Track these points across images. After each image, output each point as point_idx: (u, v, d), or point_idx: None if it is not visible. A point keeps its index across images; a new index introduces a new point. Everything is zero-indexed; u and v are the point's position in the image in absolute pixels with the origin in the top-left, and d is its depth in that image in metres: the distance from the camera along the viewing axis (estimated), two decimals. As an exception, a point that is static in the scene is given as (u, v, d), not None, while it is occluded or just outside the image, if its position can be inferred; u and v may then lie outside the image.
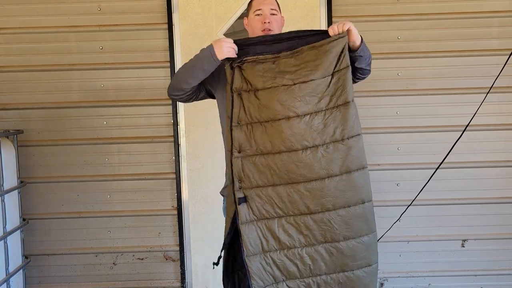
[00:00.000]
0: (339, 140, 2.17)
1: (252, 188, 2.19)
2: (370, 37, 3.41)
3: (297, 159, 2.16)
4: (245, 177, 2.19)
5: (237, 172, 2.19)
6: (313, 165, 2.15)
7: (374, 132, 3.48)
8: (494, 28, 3.43)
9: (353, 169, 2.18)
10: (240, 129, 2.19)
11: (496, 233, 3.52)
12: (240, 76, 2.19)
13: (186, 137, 3.47)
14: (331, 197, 2.17)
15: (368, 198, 2.23)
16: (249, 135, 2.18)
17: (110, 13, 3.44)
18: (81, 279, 3.56)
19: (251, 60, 2.18)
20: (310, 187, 2.17)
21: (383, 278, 3.56)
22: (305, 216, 2.19)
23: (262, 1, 2.37)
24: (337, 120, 2.17)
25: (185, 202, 3.51)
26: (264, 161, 2.18)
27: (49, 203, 3.52)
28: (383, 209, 3.47)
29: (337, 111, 2.17)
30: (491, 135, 3.47)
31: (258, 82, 2.17)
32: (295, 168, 2.16)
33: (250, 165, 2.18)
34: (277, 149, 2.17)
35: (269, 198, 2.19)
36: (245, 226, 2.18)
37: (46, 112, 3.48)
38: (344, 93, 2.17)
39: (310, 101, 2.15)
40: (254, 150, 2.19)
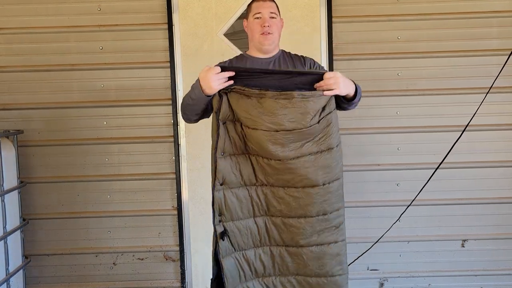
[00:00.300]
0: (320, 185, 2.18)
1: (233, 221, 2.22)
2: (370, 37, 3.43)
3: (278, 195, 2.20)
4: (227, 210, 2.21)
5: (219, 205, 2.19)
6: (292, 204, 2.19)
7: (374, 132, 3.48)
8: (494, 28, 3.43)
9: (329, 212, 2.21)
10: (225, 160, 2.17)
11: (496, 233, 3.52)
12: (227, 104, 2.15)
13: (186, 137, 3.47)
14: (306, 235, 2.21)
15: (342, 237, 2.27)
16: (234, 166, 2.19)
17: (110, 13, 3.45)
18: (81, 279, 3.56)
19: (238, 90, 2.13)
20: (287, 222, 2.21)
21: (383, 278, 3.56)
22: (281, 247, 2.26)
23: (261, 5, 2.37)
24: (319, 165, 2.17)
25: (185, 202, 3.51)
26: (247, 192, 2.22)
27: (49, 203, 3.52)
28: (383, 209, 3.48)
29: (320, 157, 2.17)
30: (491, 135, 3.47)
31: (242, 118, 2.15)
32: (276, 203, 2.21)
33: (232, 197, 2.20)
34: (261, 182, 2.21)
35: (248, 229, 2.24)
36: (226, 260, 2.21)
37: (46, 112, 3.48)
38: (328, 139, 2.17)
39: (292, 146, 2.14)
40: (238, 182, 2.20)
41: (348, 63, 3.44)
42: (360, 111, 3.41)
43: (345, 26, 3.44)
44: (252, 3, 2.42)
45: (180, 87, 3.44)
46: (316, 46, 3.41)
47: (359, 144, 3.48)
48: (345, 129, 3.40)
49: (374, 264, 3.55)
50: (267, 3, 2.37)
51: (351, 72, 3.44)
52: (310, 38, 3.42)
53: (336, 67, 3.41)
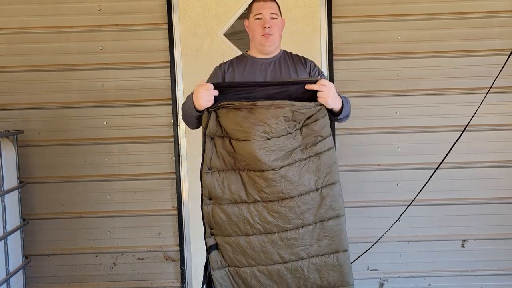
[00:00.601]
0: (314, 190, 2.17)
1: (223, 236, 2.19)
2: (370, 37, 3.43)
3: (272, 210, 2.15)
4: (216, 224, 2.18)
5: (207, 218, 2.18)
6: (289, 216, 2.15)
7: (374, 132, 3.48)
8: (495, 28, 3.43)
9: (327, 218, 2.18)
10: (211, 175, 2.16)
11: (496, 233, 3.52)
12: (215, 120, 2.15)
13: (186, 137, 3.47)
14: (305, 246, 2.18)
15: (343, 248, 2.21)
16: (222, 182, 2.16)
17: (110, 13, 3.45)
18: (81, 279, 3.56)
19: (226, 105, 2.14)
20: (285, 236, 2.16)
21: (383, 278, 3.56)
22: (279, 265, 2.19)
23: (262, 5, 2.36)
24: (311, 170, 2.16)
25: (185, 202, 3.51)
26: (238, 210, 2.16)
27: (49, 203, 3.52)
28: (383, 209, 3.48)
29: (310, 162, 2.16)
30: (491, 135, 3.47)
31: (232, 132, 2.14)
32: (271, 218, 2.16)
33: (222, 214, 2.17)
34: (252, 199, 2.16)
35: (240, 248, 2.18)
36: (217, 273, 2.19)
37: (47, 112, 3.48)
38: (320, 143, 2.16)
39: (284, 154, 2.14)
40: (227, 199, 2.16)
41: (348, 63, 3.44)
42: (360, 111, 3.42)
43: (345, 26, 3.44)
44: (253, 3, 2.41)
45: (180, 87, 3.44)
46: (316, 46, 3.41)
47: (359, 144, 3.49)
48: (345, 129, 3.41)
49: (374, 264, 3.55)
50: (268, 4, 2.37)
51: (351, 72, 3.44)
52: (310, 38, 3.42)
53: (336, 67, 3.41)
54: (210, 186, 2.16)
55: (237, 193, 2.16)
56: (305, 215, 2.16)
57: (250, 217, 2.16)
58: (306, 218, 2.16)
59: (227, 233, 2.18)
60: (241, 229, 2.17)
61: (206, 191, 2.17)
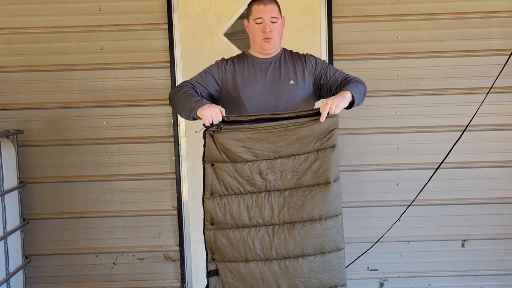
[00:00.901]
0: (317, 219, 2.16)
1: (224, 262, 2.18)
2: (370, 37, 3.43)
3: (273, 235, 2.15)
4: (217, 249, 2.18)
5: (209, 243, 2.19)
6: (289, 243, 2.15)
7: (374, 132, 3.48)
8: (495, 28, 3.43)
9: (327, 250, 2.17)
10: (213, 201, 2.16)
11: (496, 233, 3.52)
12: (213, 146, 2.14)
13: (186, 137, 3.47)
14: (304, 277, 2.16)
15: (342, 281, 2.20)
16: (224, 207, 2.16)
17: (110, 13, 3.44)
18: (81, 279, 3.56)
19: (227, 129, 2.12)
20: (283, 264, 2.16)
21: (383, 278, 3.56)
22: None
23: (262, 9, 2.34)
24: (316, 198, 2.15)
25: (185, 202, 3.51)
26: (239, 235, 2.16)
27: (49, 203, 3.52)
28: (383, 209, 3.48)
29: (317, 190, 2.15)
30: (491, 135, 3.47)
31: (236, 153, 2.13)
32: (271, 244, 2.15)
33: (223, 238, 2.17)
34: (255, 222, 2.15)
35: (240, 275, 2.18)
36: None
37: (47, 112, 3.48)
38: (326, 172, 2.15)
39: (291, 176, 2.13)
40: (229, 224, 2.16)
41: (348, 63, 3.44)
42: (360, 111, 3.42)
43: (345, 26, 3.43)
44: (252, 5, 2.39)
45: (180, 87, 3.44)
46: (316, 46, 3.41)
47: (359, 144, 3.48)
48: (345, 129, 3.40)
49: (374, 264, 3.55)
50: (267, 7, 2.35)
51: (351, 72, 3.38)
52: (310, 38, 3.42)
53: (336, 67, 3.38)
54: (211, 211, 2.16)
55: (238, 217, 2.15)
56: (305, 245, 2.15)
57: (251, 241, 2.15)
58: (306, 248, 2.15)
59: (227, 258, 2.18)
60: (241, 253, 2.17)
61: (208, 216, 2.17)
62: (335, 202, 2.17)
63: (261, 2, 2.35)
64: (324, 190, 2.15)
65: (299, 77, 2.41)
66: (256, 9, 2.36)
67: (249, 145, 2.14)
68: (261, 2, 2.35)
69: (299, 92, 2.41)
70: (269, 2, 2.36)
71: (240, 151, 2.13)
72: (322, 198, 2.15)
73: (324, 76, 2.42)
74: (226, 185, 2.16)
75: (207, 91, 2.41)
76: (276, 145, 2.13)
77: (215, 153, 2.14)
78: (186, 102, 2.23)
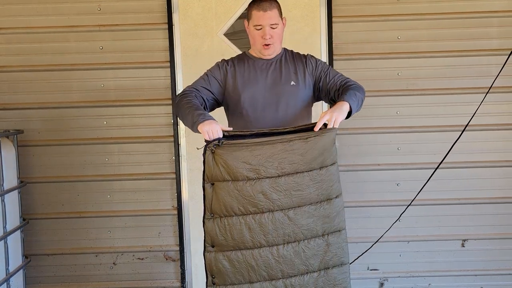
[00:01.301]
0: (320, 235, 2.15)
1: (225, 285, 2.14)
2: (370, 37, 3.44)
3: (277, 254, 2.11)
4: (218, 273, 2.13)
5: (209, 266, 2.14)
6: (294, 261, 2.12)
7: (374, 132, 3.48)
8: (494, 28, 3.44)
9: (331, 266, 2.16)
10: (213, 222, 2.11)
11: (496, 233, 3.52)
12: (212, 164, 2.08)
13: (186, 137, 3.47)
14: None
15: None
16: (224, 229, 2.11)
17: (110, 13, 3.44)
18: (81, 279, 3.56)
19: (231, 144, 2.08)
20: (289, 283, 2.13)
21: (383, 278, 3.56)
22: None
23: (262, 16, 2.32)
24: (320, 215, 2.14)
25: (185, 202, 3.51)
26: (242, 257, 2.11)
27: (49, 203, 3.52)
28: (383, 209, 3.48)
29: (320, 207, 2.14)
30: (491, 135, 3.47)
31: (239, 171, 2.07)
32: (276, 264, 2.11)
33: (224, 261, 2.12)
34: (258, 243, 2.11)
35: None
36: None
37: (46, 112, 3.48)
38: (329, 189, 2.14)
39: (295, 194, 2.10)
40: (230, 246, 2.11)
41: (348, 63, 3.44)
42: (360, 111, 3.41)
43: (345, 26, 3.44)
44: (252, 9, 2.36)
45: (180, 87, 3.44)
46: (316, 46, 3.41)
47: (359, 144, 3.49)
48: (345, 129, 3.40)
49: (374, 264, 3.55)
50: (267, 14, 2.32)
51: (351, 72, 3.41)
52: (310, 38, 3.42)
53: (336, 67, 3.41)
54: (212, 233, 2.11)
55: (240, 239, 2.10)
56: (310, 261, 2.14)
57: (255, 263, 2.11)
58: (311, 265, 2.14)
59: (230, 282, 2.14)
60: (244, 276, 2.13)
61: (209, 238, 2.13)
62: (338, 217, 2.17)
63: (261, 8, 2.32)
64: (327, 207, 2.15)
65: (300, 78, 2.41)
66: (256, 15, 2.33)
67: (252, 162, 2.08)
68: (260, 7, 2.32)
69: (299, 93, 2.40)
70: (269, 7, 2.32)
71: (242, 167, 2.07)
72: (326, 214, 2.14)
73: (324, 79, 2.41)
74: (226, 205, 2.10)
75: (212, 95, 2.41)
76: (279, 162, 2.08)
77: (215, 171, 2.08)
78: (189, 114, 2.20)
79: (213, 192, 2.10)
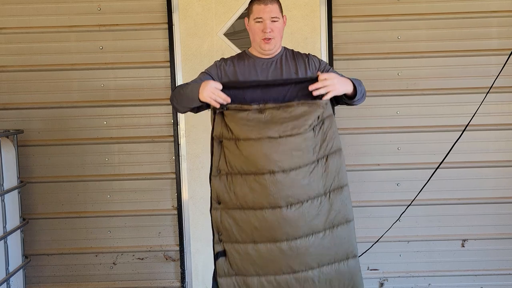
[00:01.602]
0: (322, 194, 2.13)
1: (231, 242, 2.14)
2: (370, 37, 3.44)
3: (281, 216, 2.07)
4: (224, 230, 2.13)
5: (216, 223, 2.15)
6: (298, 223, 2.09)
7: (374, 132, 3.48)
8: (494, 28, 3.44)
9: (335, 224, 2.15)
10: (219, 179, 2.13)
11: (496, 233, 3.52)
12: (221, 122, 2.13)
13: (186, 137, 3.47)
14: (316, 254, 2.11)
15: (353, 253, 2.17)
16: (228, 186, 2.12)
17: (110, 13, 3.45)
18: (81, 279, 3.56)
19: (235, 108, 2.12)
20: (294, 245, 2.09)
21: (383, 278, 3.56)
22: (288, 275, 2.12)
23: (262, 9, 2.32)
24: (320, 174, 2.13)
25: (185, 202, 3.51)
26: (245, 216, 2.10)
27: (49, 203, 3.52)
28: (383, 209, 3.48)
29: (320, 166, 2.13)
30: (491, 135, 3.47)
31: (241, 131, 2.09)
32: (279, 226, 2.08)
33: (229, 219, 2.12)
34: (260, 205, 2.09)
35: (248, 256, 2.12)
36: (223, 280, 2.14)
37: (46, 112, 3.48)
38: (326, 146, 2.14)
39: (296, 155, 2.09)
40: (234, 204, 2.12)
41: (348, 63, 3.44)
42: (360, 111, 3.43)
43: (345, 26, 3.44)
44: (253, 4, 2.37)
45: (180, 87, 3.44)
46: (316, 46, 3.41)
47: (359, 144, 3.49)
48: (345, 129, 3.40)
49: (374, 264, 3.55)
50: (268, 7, 2.32)
51: (351, 72, 3.43)
52: (310, 38, 3.42)
53: (336, 67, 3.41)
54: (218, 189, 2.13)
55: (243, 198, 2.10)
56: (314, 222, 2.11)
57: (258, 224, 2.09)
58: (315, 225, 2.11)
59: (235, 239, 2.13)
60: (248, 236, 2.11)
61: (215, 194, 2.14)
62: (339, 173, 2.16)
63: (262, 2, 2.33)
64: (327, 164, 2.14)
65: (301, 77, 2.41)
66: (257, 8, 2.34)
67: (254, 123, 2.11)
68: (261, 1, 2.33)
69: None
70: (270, 1, 2.34)
71: (244, 128, 2.10)
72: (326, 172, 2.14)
73: None
74: (232, 163, 2.12)
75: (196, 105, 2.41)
76: (282, 126, 2.09)
77: (223, 130, 2.13)
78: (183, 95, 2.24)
79: (221, 150, 2.14)
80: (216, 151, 2.14)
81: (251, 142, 2.08)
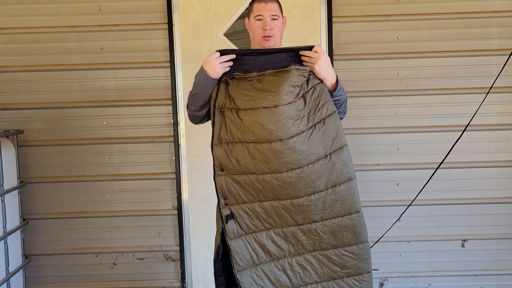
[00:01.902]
0: (323, 157, 2.18)
1: (238, 204, 2.21)
2: (370, 37, 3.44)
3: (282, 181, 2.16)
4: (230, 194, 2.20)
5: (221, 189, 2.21)
6: (299, 185, 2.16)
7: (374, 132, 3.48)
8: (494, 28, 3.44)
9: (338, 183, 2.20)
10: (221, 147, 2.19)
11: (496, 233, 3.52)
12: (225, 91, 2.19)
13: (186, 137, 3.47)
14: (318, 211, 2.19)
15: (356, 209, 2.22)
16: (230, 154, 2.18)
17: (110, 13, 3.45)
18: (81, 279, 3.57)
19: (239, 76, 2.18)
20: (297, 203, 2.18)
21: (383, 278, 3.56)
22: (293, 227, 2.22)
23: (263, 7, 2.34)
24: (319, 138, 2.17)
25: (185, 202, 3.51)
26: (248, 180, 2.18)
27: (49, 203, 3.52)
28: (383, 209, 3.48)
29: (317, 130, 2.17)
30: (491, 135, 3.47)
31: (241, 101, 2.16)
32: (280, 188, 2.17)
33: (234, 183, 2.19)
34: (261, 171, 2.16)
35: (256, 214, 2.21)
36: (234, 242, 2.20)
37: (46, 112, 3.49)
38: (321, 108, 2.18)
39: (292, 123, 2.13)
40: (237, 170, 2.18)
41: (348, 63, 3.44)
42: (360, 111, 3.43)
43: (345, 26, 3.44)
44: (253, 3, 2.39)
45: (180, 87, 3.44)
46: (316, 46, 3.40)
47: (359, 144, 3.49)
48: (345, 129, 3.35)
49: (374, 264, 3.50)
50: (268, 5, 2.34)
51: (351, 72, 3.44)
52: (310, 38, 3.41)
53: (336, 67, 3.41)
54: (220, 157, 2.19)
55: (245, 165, 2.17)
56: (316, 183, 2.17)
57: (261, 186, 2.17)
58: (317, 186, 2.17)
59: (241, 201, 2.21)
60: (254, 196, 2.20)
61: (217, 162, 2.20)
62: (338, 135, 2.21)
63: (262, 0, 2.35)
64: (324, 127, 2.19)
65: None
66: (257, 6, 2.36)
67: (252, 93, 2.16)
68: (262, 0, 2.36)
69: None
70: (270, 0, 2.36)
71: (242, 96, 2.16)
72: (324, 135, 2.18)
73: None
74: (233, 132, 2.17)
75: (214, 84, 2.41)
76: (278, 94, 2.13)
77: (226, 99, 2.18)
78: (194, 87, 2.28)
79: (222, 119, 2.18)
80: (217, 120, 2.19)
81: (249, 112, 2.15)
